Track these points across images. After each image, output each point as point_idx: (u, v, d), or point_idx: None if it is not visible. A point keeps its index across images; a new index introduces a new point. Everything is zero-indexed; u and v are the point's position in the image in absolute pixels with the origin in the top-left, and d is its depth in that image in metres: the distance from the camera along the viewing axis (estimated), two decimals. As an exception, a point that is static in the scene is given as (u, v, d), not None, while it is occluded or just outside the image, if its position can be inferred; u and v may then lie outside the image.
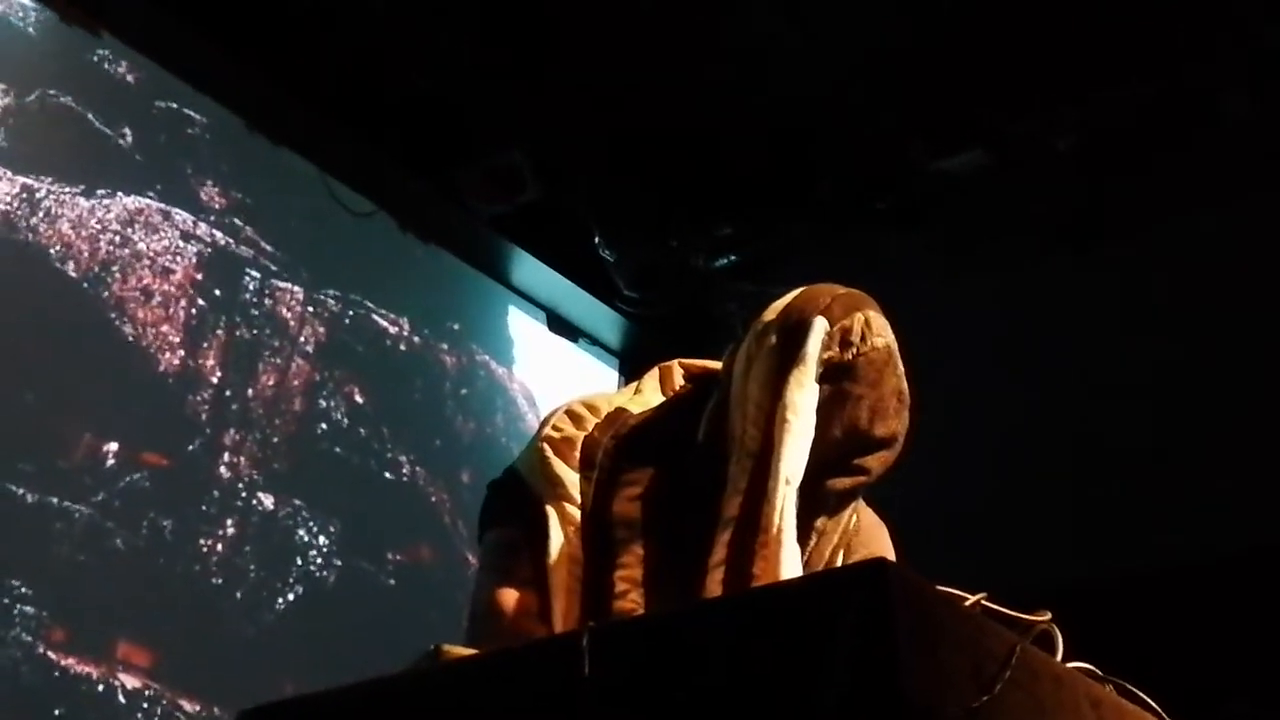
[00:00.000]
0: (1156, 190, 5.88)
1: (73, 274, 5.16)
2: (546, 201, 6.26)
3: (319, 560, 5.61)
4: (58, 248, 5.13)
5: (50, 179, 5.17)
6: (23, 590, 4.74)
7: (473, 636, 2.33)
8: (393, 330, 6.23)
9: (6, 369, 4.93)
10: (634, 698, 1.78)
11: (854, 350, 2.35)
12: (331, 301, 6.01)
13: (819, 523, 2.38)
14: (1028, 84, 5.75)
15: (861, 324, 2.36)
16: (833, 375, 2.33)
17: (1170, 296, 5.83)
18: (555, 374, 6.86)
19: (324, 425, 5.86)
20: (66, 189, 5.21)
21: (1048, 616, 1.90)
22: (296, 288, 5.88)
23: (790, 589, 1.88)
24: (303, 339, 5.85)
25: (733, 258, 6.51)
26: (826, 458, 2.33)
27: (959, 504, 5.81)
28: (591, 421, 2.46)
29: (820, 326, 2.34)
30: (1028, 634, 1.87)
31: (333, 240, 6.06)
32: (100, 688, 4.87)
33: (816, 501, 2.36)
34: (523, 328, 6.89)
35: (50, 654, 4.77)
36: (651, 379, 2.62)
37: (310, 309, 5.91)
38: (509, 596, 2.33)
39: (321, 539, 5.63)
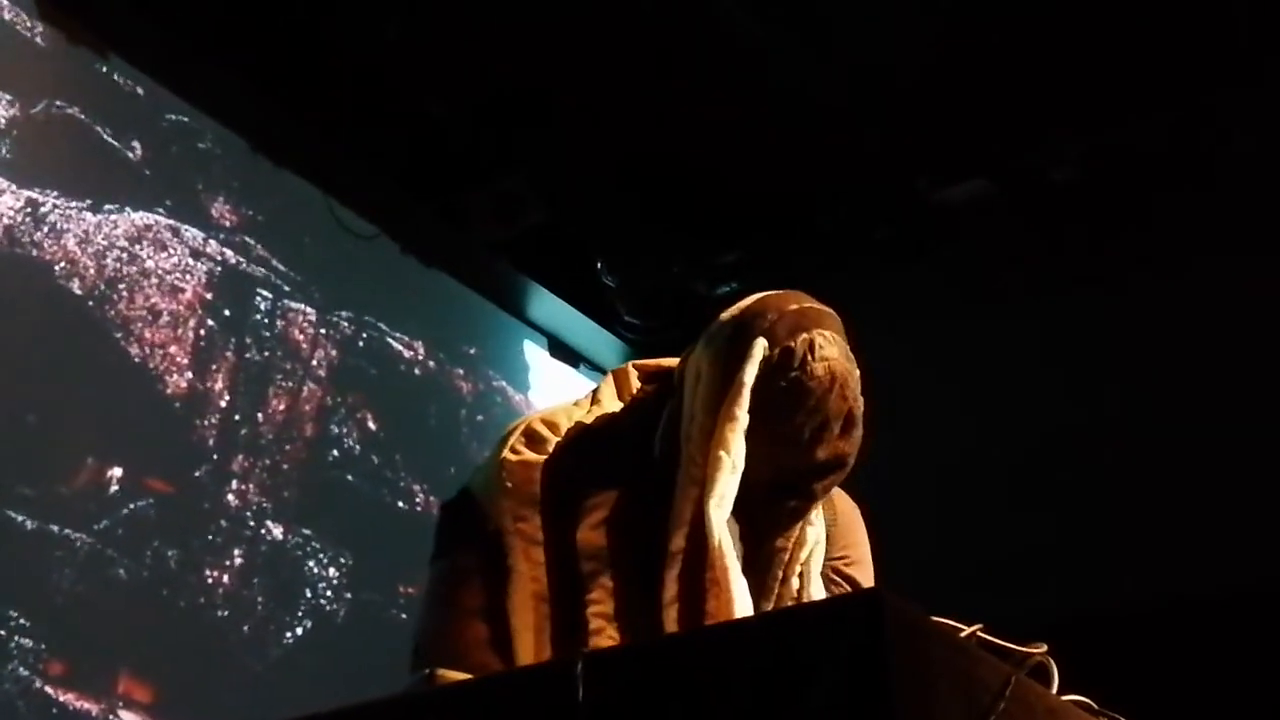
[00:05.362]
0: (1159, 224, 5.90)
1: (78, 291, 5.08)
2: (549, 227, 6.28)
3: (329, 593, 5.55)
4: (63, 264, 5.05)
5: (56, 192, 5.08)
6: (21, 621, 4.67)
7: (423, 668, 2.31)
8: (407, 354, 6.17)
9: (6, 389, 4.86)
10: (626, 725, 1.78)
11: (792, 374, 2.30)
12: (345, 324, 5.95)
13: (779, 542, 2.40)
14: (1031, 116, 5.77)
15: (804, 346, 2.31)
16: (770, 400, 2.30)
17: (1172, 330, 5.83)
18: (564, 400, 6.80)
19: (335, 452, 5.79)
20: (72, 203, 5.12)
21: (1043, 648, 1.90)
22: (309, 309, 5.81)
23: (784, 619, 1.87)
24: (314, 362, 5.79)
25: (735, 285, 6.51)
26: (775, 479, 2.33)
27: (957, 534, 5.81)
28: (551, 442, 2.43)
29: (759, 351, 2.31)
30: (1023, 666, 1.88)
31: (346, 261, 5.99)
32: (99, 724, 4.84)
33: (773, 522, 2.38)
34: (536, 353, 6.86)
35: (48, 688, 4.69)
36: (608, 386, 2.60)
37: (323, 331, 5.85)
38: (461, 629, 2.31)
39: (331, 570, 5.57)
